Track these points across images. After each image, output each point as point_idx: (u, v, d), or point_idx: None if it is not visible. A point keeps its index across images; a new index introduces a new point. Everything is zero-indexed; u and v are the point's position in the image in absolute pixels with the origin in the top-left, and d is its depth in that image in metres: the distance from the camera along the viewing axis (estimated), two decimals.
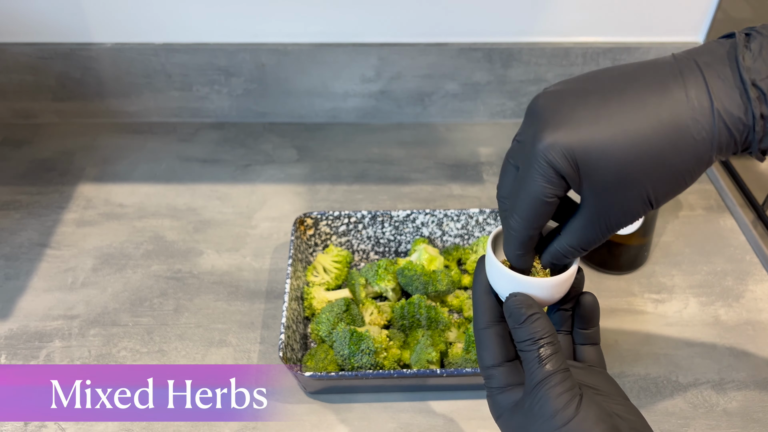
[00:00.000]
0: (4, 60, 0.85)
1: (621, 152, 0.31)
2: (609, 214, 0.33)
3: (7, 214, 0.77)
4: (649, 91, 0.31)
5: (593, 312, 0.40)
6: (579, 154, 0.31)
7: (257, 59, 0.86)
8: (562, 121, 0.32)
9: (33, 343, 0.63)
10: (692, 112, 0.30)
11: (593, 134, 0.31)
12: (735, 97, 0.30)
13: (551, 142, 0.32)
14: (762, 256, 0.73)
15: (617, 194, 0.32)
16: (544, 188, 0.33)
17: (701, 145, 0.31)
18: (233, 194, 0.81)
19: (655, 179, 0.32)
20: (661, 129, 0.31)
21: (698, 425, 0.57)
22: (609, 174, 0.31)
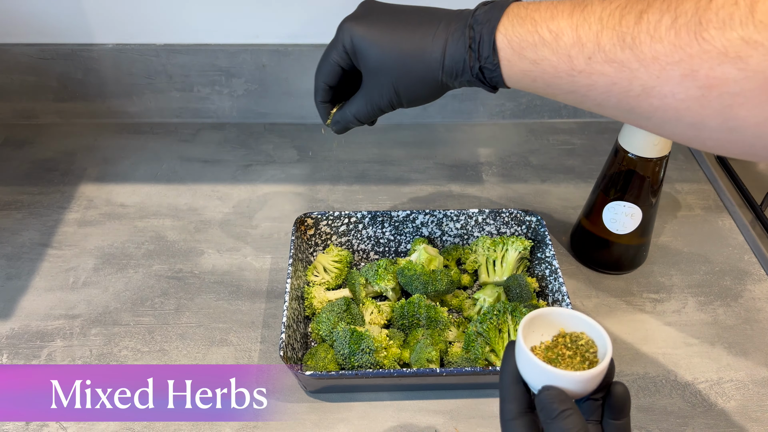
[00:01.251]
0: (5, 60, 0.86)
1: (381, 47, 0.45)
2: (371, 92, 0.47)
3: (9, 214, 0.78)
4: (419, 18, 0.45)
5: (625, 402, 0.39)
6: (357, 39, 0.45)
7: (258, 60, 0.86)
8: (361, 16, 0.46)
9: (34, 343, 0.63)
10: (433, 40, 0.43)
11: (371, 31, 0.45)
12: (460, 34, 0.42)
13: (346, 26, 0.46)
14: (760, 256, 0.73)
15: (376, 78, 0.46)
16: (334, 56, 0.47)
17: (433, 62, 0.44)
18: (234, 194, 0.81)
19: (401, 76, 0.45)
20: (410, 44, 0.44)
21: (697, 424, 0.57)
22: (372, 59, 0.45)
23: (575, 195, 0.81)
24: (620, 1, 0.36)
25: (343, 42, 0.46)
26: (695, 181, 0.84)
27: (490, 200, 0.81)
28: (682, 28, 0.33)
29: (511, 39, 0.40)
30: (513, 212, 0.69)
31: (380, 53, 0.45)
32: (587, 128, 0.93)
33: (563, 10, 0.38)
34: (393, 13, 0.46)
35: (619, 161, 0.63)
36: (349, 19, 0.47)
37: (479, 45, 0.41)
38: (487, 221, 0.70)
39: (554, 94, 0.40)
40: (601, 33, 0.36)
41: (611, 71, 0.36)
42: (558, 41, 0.38)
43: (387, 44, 0.45)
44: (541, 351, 0.39)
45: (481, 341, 0.58)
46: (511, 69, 0.41)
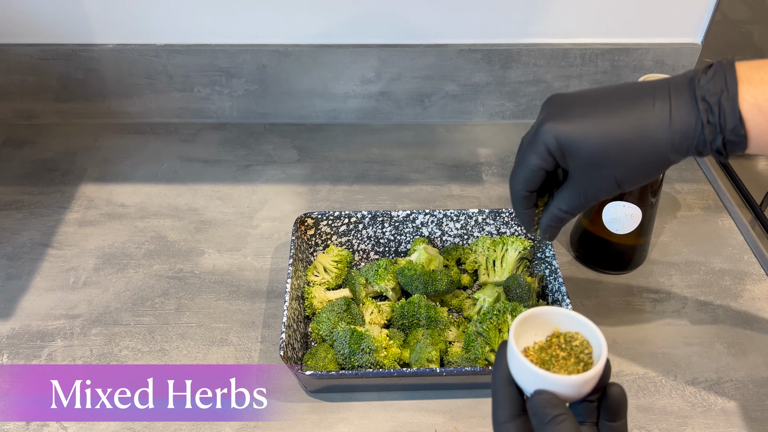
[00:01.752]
0: (6, 61, 0.86)
1: (595, 141, 0.41)
2: (586, 187, 0.43)
3: (10, 214, 0.78)
4: (626, 100, 0.41)
5: (621, 404, 0.38)
6: (564, 140, 0.42)
7: (258, 60, 0.86)
8: (559, 114, 0.43)
9: (35, 343, 0.63)
10: (654, 118, 0.40)
11: (578, 126, 0.42)
12: (688, 108, 0.39)
13: (547, 128, 0.42)
14: (760, 256, 0.73)
15: (592, 173, 0.42)
16: (535, 160, 0.43)
17: (659, 143, 0.40)
18: (234, 194, 0.81)
19: (621, 166, 0.41)
20: (628, 128, 0.40)
21: (696, 424, 0.57)
22: (585, 157, 0.42)
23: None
24: None
25: (547, 145, 0.42)
26: (695, 181, 0.84)
27: (490, 200, 0.81)
28: None
29: (762, 107, 0.37)
30: (513, 212, 0.69)
31: (595, 148, 0.41)
32: None
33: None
34: (593, 100, 0.42)
35: None
36: (547, 120, 0.43)
37: (720, 117, 0.38)
38: (487, 221, 0.70)
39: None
40: None
41: None
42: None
43: (602, 137, 0.41)
44: (534, 352, 0.38)
45: (481, 341, 0.58)
46: (762, 138, 0.38)
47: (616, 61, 0.86)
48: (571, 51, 0.85)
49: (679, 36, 0.85)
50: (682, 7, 0.83)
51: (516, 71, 0.87)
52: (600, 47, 0.85)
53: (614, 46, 0.85)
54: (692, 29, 0.85)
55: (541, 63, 0.86)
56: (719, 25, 0.83)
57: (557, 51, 0.85)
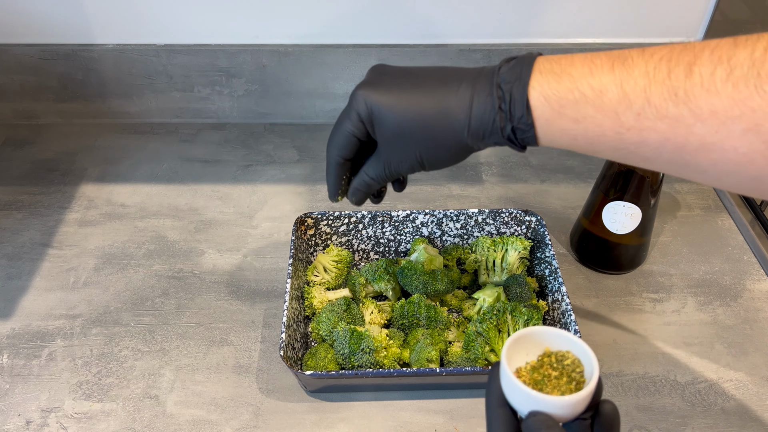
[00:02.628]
0: (6, 61, 0.86)
1: (400, 113, 0.42)
2: (391, 158, 0.44)
3: (10, 214, 0.78)
4: (438, 80, 0.42)
5: (614, 421, 0.38)
6: (373, 106, 0.42)
7: (258, 60, 0.86)
8: (374, 82, 0.43)
9: (35, 343, 0.63)
10: (456, 101, 0.41)
11: (387, 97, 0.42)
12: (486, 94, 0.40)
13: (359, 93, 0.43)
14: (760, 256, 0.73)
15: (396, 144, 0.43)
16: (348, 126, 0.44)
17: (457, 125, 0.41)
18: (234, 194, 0.81)
19: (422, 141, 0.42)
20: (431, 106, 0.41)
21: (696, 424, 0.57)
22: (390, 127, 0.42)
23: (575, 195, 0.82)
24: (662, 53, 0.35)
25: (358, 111, 0.43)
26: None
27: (490, 200, 0.81)
28: (740, 80, 0.32)
29: (548, 96, 0.37)
30: (513, 212, 0.69)
31: (399, 120, 0.42)
32: None
33: (602, 65, 0.37)
34: (408, 76, 0.43)
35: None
36: (361, 86, 0.43)
37: (510, 104, 0.39)
38: (487, 221, 0.70)
39: (597, 151, 0.38)
40: (649, 88, 0.34)
41: (664, 127, 0.34)
42: (602, 98, 0.36)
43: (406, 110, 0.42)
44: (526, 372, 0.38)
45: (481, 341, 0.58)
46: (549, 128, 0.38)
47: None
48: (571, 51, 0.85)
49: (679, 36, 0.85)
50: (681, 6, 0.83)
51: None
52: (600, 47, 0.85)
53: (614, 46, 0.85)
54: (692, 29, 0.85)
55: None
56: (719, 24, 0.83)
57: (557, 51, 0.85)
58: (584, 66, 0.37)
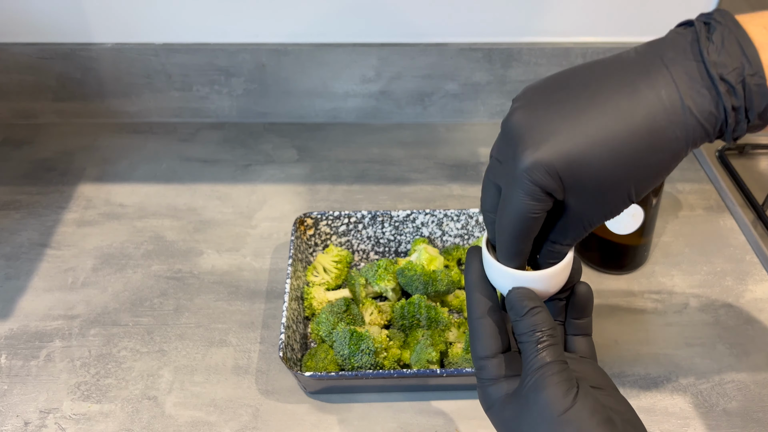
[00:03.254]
0: (4, 60, 0.85)
1: (601, 161, 0.31)
2: (592, 215, 0.34)
3: (8, 214, 0.77)
4: (620, 93, 0.32)
5: (587, 301, 0.40)
6: (561, 169, 0.32)
7: (257, 59, 0.86)
8: (539, 137, 0.32)
9: (33, 343, 0.63)
10: (665, 114, 0.31)
11: (572, 147, 0.31)
12: (705, 93, 0.31)
13: (533, 162, 0.32)
14: (762, 256, 0.73)
15: (599, 197, 0.33)
16: (531, 206, 0.33)
17: (676, 143, 0.32)
18: (233, 194, 0.81)
19: (635, 179, 0.33)
20: (637, 132, 0.31)
21: (698, 425, 0.57)
22: (591, 182, 0.32)
23: None
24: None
25: (539, 183, 0.32)
26: (697, 181, 0.84)
27: None
28: None
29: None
30: None
31: (601, 170, 0.32)
32: None
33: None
34: (580, 104, 0.32)
35: None
36: (530, 150, 0.32)
37: (746, 100, 0.31)
38: None
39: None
40: None
41: None
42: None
43: (605, 150, 0.31)
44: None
45: None
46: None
47: None
48: (572, 50, 0.85)
49: None
50: (682, 5, 0.82)
51: (517, 70, 0.87)
52: (601, 46, 0.85)
53: (615, 45, 0.85)
54: None
55: (542, 62, 0.86)
56: None
57: (558, 50, 0.85)
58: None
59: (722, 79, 0.30)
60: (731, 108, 0.31)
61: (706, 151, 0.86)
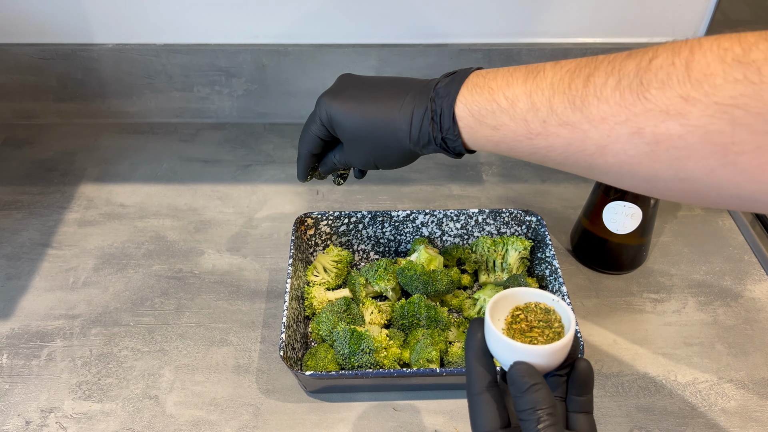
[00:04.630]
0: (5, 60, 0.86)
1: (354, 122, 0.48)
2: (350, 155, 0.51)
3: (9, 214, 0.78)
4: (390, 92, 0.47)
5: (588, 378, 0.40)
6: (332, 113, 0.49)
7: (258, 60, 0.86)
8: (336, 91, 0.49)
9: (34, 343, 0.63)
10: (401, 111, 0.46)
11: (344, 107, 0.48)
12: (424, 108, 0.45)
13: (322, 101, 0.49)
14: (760, 256, 0.73)
15: (353, 145, 0.50)
16: (314, 128, 0.51)
17: (400, 134, 0.46)
18: (234, 194, 0.81)
19: (374, 147, 0.48)
20: (380, 116, 0.47)
21: (696, 424, 0.57)
22: (347, 132, 0.49)
23: (575, 195, 0.81)
24: (570, 66, 0.39)
25: (320, 116, 0.50)
26: None
27: (490, 200, 0.81)
28: (626, 89, 0.35)
29: (471, 108, 0.42)
30: (513, 212, 0.69)
31: (354, 126, 0.48)
32: None
33: (518, 78, 0.40)
34: (365, 87, 0.49)
35: None
36: (325, 95, 0.50)
37: (440, 117, 0.43)
38: (487, 221, 0.70)
39: (518, 155, 0.42)
40: (552, 97, 0.38)
41: (565, 133, 0.38)
42: (514, 107, 0.40)
43: (359, 118, 0.48)
44: (506, 326, 0.41)
45: None
46: (474, 135, 0.43)
47: None
48: (571, 51, 0.85)
49: (679, 35, 0.85)
50: (682, 6, 0.83)
51: None
52: (600, 46, 0.85)
53: (615, 46, 0.85)
54: (693, 28, 0.85)
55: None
56: (719, 24, 0.83)
57: (557, 50, 0.85)
58: (504, 79, 0.41)
59: (433, 100, 0.44)
60: (431, 119, 0.44)
61: None
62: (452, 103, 0.43)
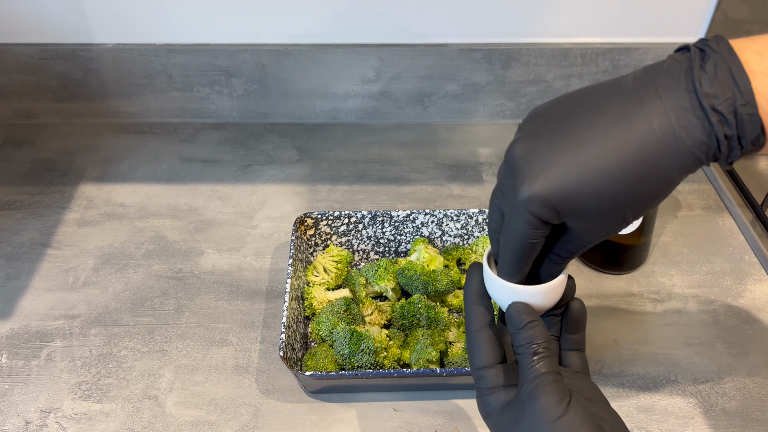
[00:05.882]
0: (5, 60, 0.86)
1: (594, 191, 0.33)
2: (590, 236, 0.37)
3: (9, 214, 0.77)
4: (615, 125, 0.33)
5: (581, 317, 0.42)
6: (556, 201, 0.34)
7: (258, 60, 0.86)
8: (537, 171, 0.34)
9: (34, 343, 0.63)
10: (657, 144, 0.32)
11: (566, 180, 0.33)
12: (696, 123, 0.31)
13: (529, 195, 0.34)
14: (761, 256, 0.73)
15: (596, 222, 0.35)
16: (529, 233, 0.36)
17: (668, 171, 0.33)
18: (234, 194, 0.81)
19: (629, 205, 0.34)
20: (630, 163, 0.32)
21: (697, 425, 0.57)
22: (586, 212, 0.34)
23: None
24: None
25: (536, 214, 0.34)
26: (696, 180, 0.84)
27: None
28: None
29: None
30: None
31: (597, 200, 0.33)
32: None
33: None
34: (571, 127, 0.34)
35: None
36: (525, 182, 0.34)
37: (738, 129, 0.31)
38: (487, 221, 0.70)
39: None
40: None
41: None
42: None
43: (599, 183, 0.33)
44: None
45: None
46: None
47: (616, 60, 0.86)
48: (571, 50, 0.85)
49: (679, 35, 0.85)
50: (682, 6, 0.83)
51: (516, 71, 0.87)
52: (601, 46, 0.85)
53: (615, 46, 0.85)
54: (693, 28, 0.85)
55: (542, 62, 0.86)
56: (720, 24, 0.83)
57: (558, 50, 0.85)
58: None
59: (714, 109, 0.31)
60: (723, 137, 0.31)
61: None
62: (754, 106, 0.30)
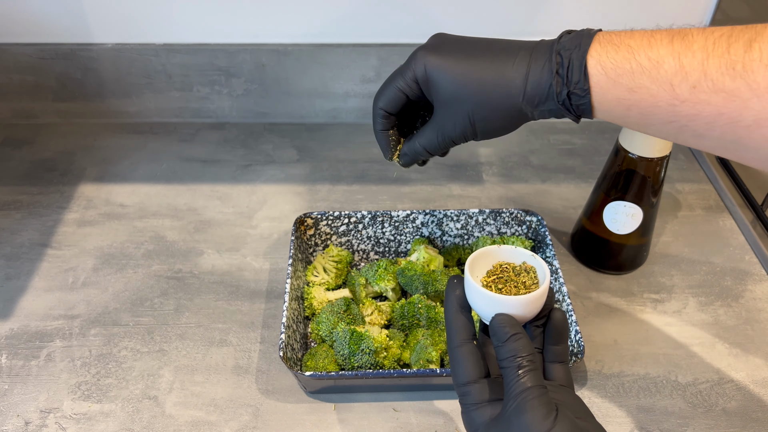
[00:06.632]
0: (5, 60, 0.86)
1: (457, 76, 0.43)
2: (444, 123, 0.45)
3: (8, 214, 0.77)
4: (496, 49, 0.43)
5: (563, 327, 0.42)
6: (431, 68, 0.43)
7: (257, 60, 0.86)
8: (434, 47, 0.45)
9: (34, 343, 0.63)
10: (513, 67, 0.41)
11: (446, 60, 0.43)
12: (544, 61, 0.40)
13: (419, 54, 0.44)
14: (761, 256, 0.73)
15: (450, 107, 0.44)
16: (400, 83, 0.45)
17: (513, 89, 0.41)
18: (234, 194, 0.81)
19: (477, 105, 0.43)
20: (488, 70, 0.42)
21: (697, 425, 0.57)
22: (447, 89, 0.43)
23: (576, 195, 0.81)
24: (723, 30, 0.35)
25: (415, 71, 0.44)
26: (696, 181, 0.84)
27: (490, 200, 0.81)
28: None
29: (605, 65, 0.38)
30: (513, 212, 0.69)
31: (456, 82, 0.43)
32: (588, 128, 0.93)
33: (661, 39, 0.37)
34: (468, 43, 0.44)
35: (619, 161, 0.63)
36: (423, 48, 0.45)
37: (568, 70, 0.39)
38: (487, 221, 0.70)
39: (649, 124, 0.39)
40: (706, 61, 0.35)
41: (719, 101, 0.35)
42: (658, 69, 0.36)
43: (463, 73, 0.42)
44: (485, 281, 0.43)
45: None
46: (604, 96, 0.39)
47: None
48: None
49: None
50: (682, 5, 0.83)
51: None
52: None
53: None
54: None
55: None
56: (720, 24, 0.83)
57: None
58: (643, 39, 0.37)
59: (558, 53, 0.40)
60: (556, 72, 0.39)
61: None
62: (583, 56, 0.38)
